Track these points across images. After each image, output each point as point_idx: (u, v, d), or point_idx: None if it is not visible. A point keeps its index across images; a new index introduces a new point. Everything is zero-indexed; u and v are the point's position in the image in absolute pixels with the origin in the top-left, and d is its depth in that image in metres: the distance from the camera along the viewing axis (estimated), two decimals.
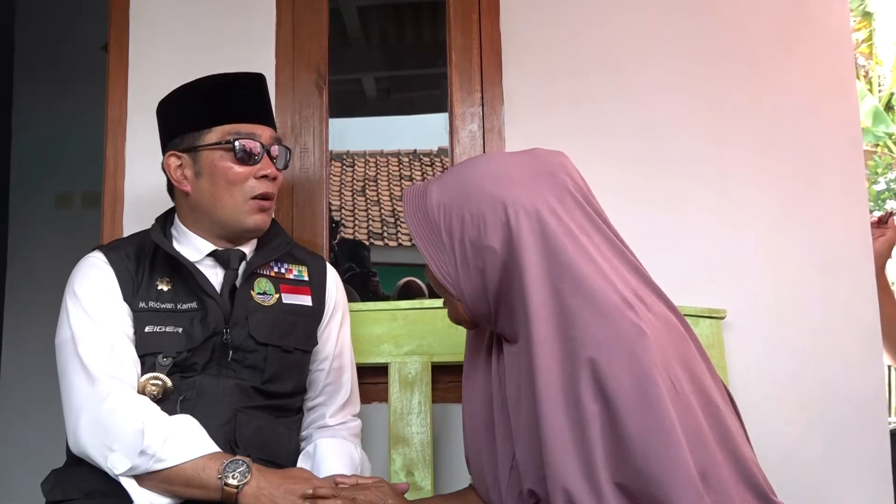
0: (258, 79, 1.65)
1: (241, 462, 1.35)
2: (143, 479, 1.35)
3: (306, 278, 1.67)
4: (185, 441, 1.37)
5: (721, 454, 1.17)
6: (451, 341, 1.88)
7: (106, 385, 1.40)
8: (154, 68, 2.08)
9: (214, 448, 1.38)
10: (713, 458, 1.14)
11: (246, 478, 1.33)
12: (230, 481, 1.32)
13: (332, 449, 1.59)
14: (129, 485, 1.35)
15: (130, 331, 1.49)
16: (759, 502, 1.19)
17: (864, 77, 9.24)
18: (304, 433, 1.67)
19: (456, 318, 1.38)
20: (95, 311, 1.48)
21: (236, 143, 1.53)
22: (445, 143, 2.15)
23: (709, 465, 1.13)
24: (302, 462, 1.60)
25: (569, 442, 1.14)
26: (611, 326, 1.15)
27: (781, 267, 2.02)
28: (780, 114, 2.09)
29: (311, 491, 1.34)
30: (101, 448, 1.37)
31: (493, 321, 1.31)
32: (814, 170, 2.07)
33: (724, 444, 1.18)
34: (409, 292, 3.69)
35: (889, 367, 6.24)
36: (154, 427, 1.36)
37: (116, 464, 1.34)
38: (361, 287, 3.57)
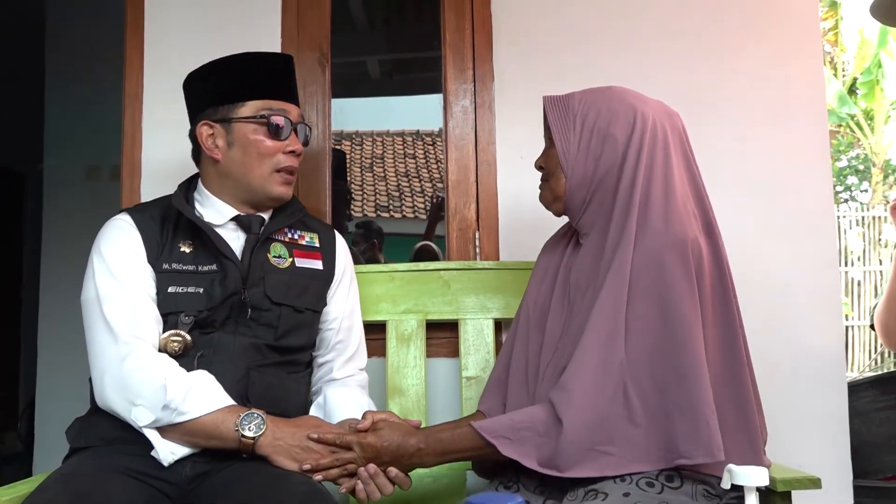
0: (289, 60, 1.60)
1: (256, 415, 1.34)
2: (164, 430, 1.33)
3: (317, 245, 1.63)
4: (204, 395, 1.34)
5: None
6: (444, 300, 1.88)
7: (128, 344, 1.37)
8: (168, 46, 2.03)
9: (230, 402, 1.36)
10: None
11: (261, 429, 1.32)
12: (247, 433, 1.32)
13: (341, 397, 1.57)
14: (153, 436, 1.33)
15: (153, 291, 1.45)
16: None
17: (830, 63, 9.14)
18: (314, 388, 1.65)
19: (549, 198, 1.45)
20: (120, 272, 1.43)
21: (270, 119, 1.50)
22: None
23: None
24: (314, 412, 1.58)
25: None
26: (676, 231, 1.27)
27: (751, 234, 1.99)
28: (753, 94, 2.06)
29: (316, 435, 1.34)
30: (124, 403, 1.34)
31: (581, 209, 1.39)
32: (783, 146, 2.05)
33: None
34: (424, 256, 3.75)
35: (847, 327, 6.24)
36: (175, 383, 1.33)
37: (140, 417, 1.32)
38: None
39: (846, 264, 7.50)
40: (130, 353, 1.36)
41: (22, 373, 5.84)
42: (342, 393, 1.59)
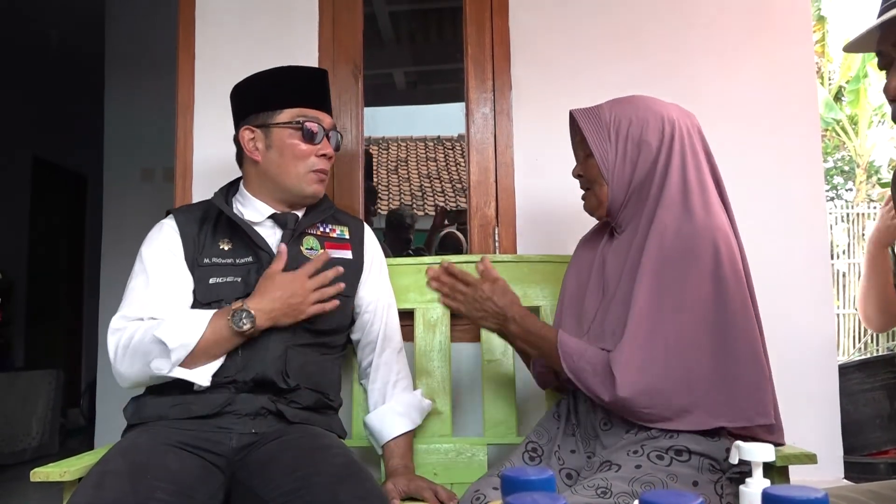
0: (323, 74, 1.62)
1: (242, 311, 1.38)
2: (186, 363, 1.37)
3: (347, 237, 1.63)
4: (190, 323, 1.38)
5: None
6: None
7: (129, 329, 1.41)
8: (217, 60, 2.04)
9: (211, 313, 1.40)
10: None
11: (252, 318, 1.38)
12: (245, 329, 1.37)
13: (381, 419, 1.61)
14: (181, 373, 1.37)
15: (188, 285, 1.48)
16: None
17: (818, 72, 9.01)
18: (363, 370, 1.68)
19: (594, 205, 1.42)
20: (153, 271, 1.48)
21: (304, 125, 1.52)
22: (464, 130, 2.09)
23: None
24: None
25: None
26: (716, 219, 1.28)
27: (749, 230, 1.94)
28: (752, 101, 2.03)
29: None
30: (143, 367, 1.38)
31: (620, 209, 1.39)
32: (779, 148, 2.02)
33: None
34: (448, 241, 3.85)
35: (837, 314, 6.15)
36: (164, 328, 1.37)
37: (161, 367, 1.36)
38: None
39: (832, 257, 7.40)
40: (122, 335, 1.41)
41: (84, 356, 5.91)
42: (380, 414, 1.61)
